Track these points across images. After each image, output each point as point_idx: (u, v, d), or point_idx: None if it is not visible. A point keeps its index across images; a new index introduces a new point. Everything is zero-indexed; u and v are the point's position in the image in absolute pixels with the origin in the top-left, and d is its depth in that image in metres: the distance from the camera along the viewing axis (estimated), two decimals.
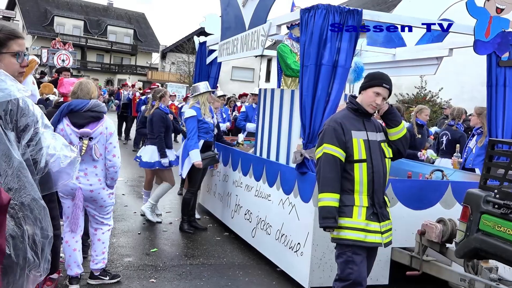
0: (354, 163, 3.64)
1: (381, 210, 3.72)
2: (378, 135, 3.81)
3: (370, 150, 3.69)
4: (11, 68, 2.38)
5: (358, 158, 3.65)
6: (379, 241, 3.68)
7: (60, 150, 2.38)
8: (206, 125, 6.71)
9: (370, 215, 3.65)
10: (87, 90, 4.54)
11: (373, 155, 3.69)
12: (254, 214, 6.09)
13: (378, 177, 3.69)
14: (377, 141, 3.78)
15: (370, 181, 3.66)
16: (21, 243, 2.09)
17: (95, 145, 4.44)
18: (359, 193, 3.65)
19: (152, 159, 7.15)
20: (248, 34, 6.24)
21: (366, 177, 3.64)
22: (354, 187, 3.65)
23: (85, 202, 4.58)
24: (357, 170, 3.64)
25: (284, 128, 5.91)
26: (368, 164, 3.66)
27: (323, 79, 4.67)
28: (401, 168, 6.54)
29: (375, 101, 3.70)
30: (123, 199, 8.63)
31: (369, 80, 3.75)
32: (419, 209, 5.04)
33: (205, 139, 6.74)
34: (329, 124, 3.72)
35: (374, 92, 3.69)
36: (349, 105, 3.83)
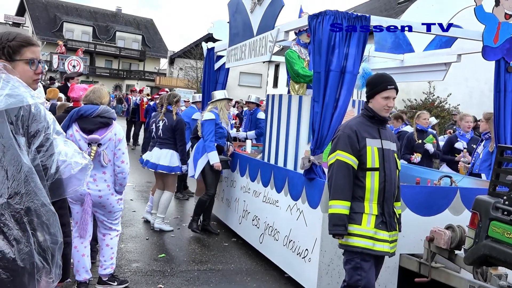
0: (367, 171, 3.64)
1: (390, 219, 3.71)
2: (392, 145, 3.80)
3: (383, 158, 3.68)
4: (25, 75, 2.40)
5: (371, 166, 3.64)
6: (387, 250, 3.67)
7: (72, 156, 2.39)
8: (221, 130, 6.90)
9: (379, 223, 3.64)
10: (99, 94, 4.59)
11: (386, 164, 3.68)
12: (262, 220, 6.09)
13: (389, 186, 3.68)
14: (391, 150, 3.77)
15: (382, 190, 3.65)
16: (26, 247, 2.10)
17: (103, 151, 4.46)
18: (370, 201, 3.64)
19: (171, 163, 7.02)
20: (256, 40, 6.26)
21: (378, 186, 3.64)
22: (365, 194, 3.64)
23: (94, 207, 4.60)
24: (369, 178, 3.64)
25: (292, 134, 5.92)
26: (381, 172, 3.65)
27: (331, 85, 4.67)
28: (409, 174, 6.52)
29: (387, 105, 3.70)
30: (131, 204, 8.66)
31: (373, 87, 3.74)
32: (428, 215, 5.02)
33: (217, 143, 6.91)
34: (343, 130, 3.72)
35: (383, 97, 3.69)
36: (364, 112, 3.82)
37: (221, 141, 6.94)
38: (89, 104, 4.55)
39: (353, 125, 3.73)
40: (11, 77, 2.28)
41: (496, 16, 5.14)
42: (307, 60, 6.32)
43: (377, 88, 3.70)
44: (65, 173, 2.34)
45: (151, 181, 10.70)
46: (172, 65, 52.45)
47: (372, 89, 3.74)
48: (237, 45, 7.02)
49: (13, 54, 2.40)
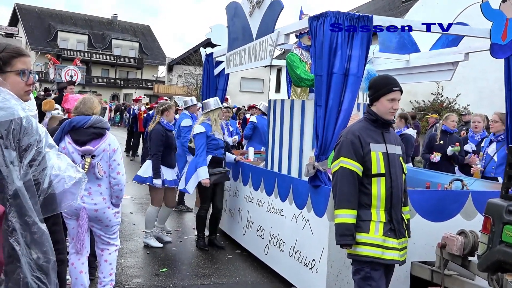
0: (372, 177, 3.63)
1: (399, 226, 3.69)
2: (397, 148, 3.79)
3: (389, 163, 3.67)
4: (16, 87, 2.40)
5: (376, 172, 3.63)
6: (397, 258, 3.65)
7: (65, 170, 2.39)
8: (215, 141, 6.81)
9: (388, 231, 3.63)
10: (90, 105, 4.58)
11: (392, 169, 3.67)
12: (266, 230, 6.07)
13: (396, 192, 3.67)
14: (396, 154, 3.76)
15: (389, 196, 3.64)
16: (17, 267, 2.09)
17: (98, 163, 4.45)
18: (377, 208, 3.63)
19: (145, 174, 6.89)
20: (256, 44, 6.27)
21: (385, 192, 3.63)
22: (371, 202, 3.63)
23: (90, 222, 4.58)
24: (375, 185, 3.63)
25: (295, 140, 5.91)
26: (387, 178, 3.64)
27: (334, 88, 4.67)
28: (418, 178, 6.50)
29: (393, 107, 3.69)
30: (131, 217, 8.65)
31: (377, 89, 3.72)
32: (439, 221, 4.99)
33: (213, 155, 6.82)
34: (346, 136, 3.70)
35: (388, 99, 3.68)
36: (366, 116, 3.81)
37: (218, 152, 6.84)
38: (80, 115, 4.54)
39: (355, 130, 3.71)
40: (2, 89, 2.28)
41: (503, 12, 5.13)
42: (309, 63, 6.32)
43: (382, 91, 3.69)
44: (58, 187, 2.33)
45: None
46: (170, 72, 52.60)
47: (376, 92, 3.72)
48: (237, 49, 7.04)
49: (3, 65, 2.40)
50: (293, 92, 6.50)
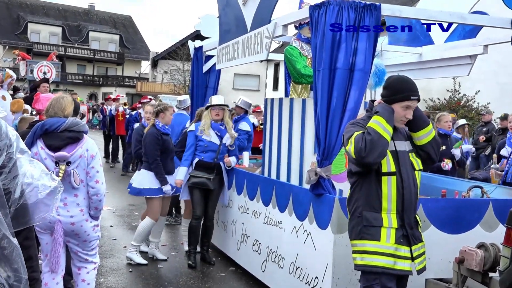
0: (382, 176, 3.67)
1: (412, 231, 3.73)
2: (406, 144, 3.84)
3: (398, 161, 3.73)
4: None
5: (387, 170, 3.68)
6: (409, 268, 3.68)
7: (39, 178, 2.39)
8: (201, 142, 6.94)
9: (400, 237, 3.67)
10: (60, 107, 4.53)
11: (402, 167, 3.72)
12: (263, 244, 6.08)
13: (408, 193, 3.71)
14: (406, 151, 3.81)
15: (400, 197, 3.68)
16: None
17: (74, 170, 4.44)
18: (387, 211, 3.67)
19: (141, 184, 6.98)
20: (251, 37, 6.29)
21: (396, 192, 3.67)
22: (381, 204, 3.67)
23: (66, 237, 4.57)
24: (385, 184, 3.68)
25: (295, 143, 5.93)
26: (398, 177, 3.69)
27: (338, 85, 4.69)
28: (433, 185, 6.52)
29: (405, 116, 3.74)
30: (111, 231, 8.65)
31: (394, 93, 3.75)
32: (456, 233, 5.01)
33: (200, 158, 6.94)
34: (354, 122, 3.82)
35: (402, 107, 3.72)
36: (370, 114, 3.85)
37: (206, 155, 6.93)
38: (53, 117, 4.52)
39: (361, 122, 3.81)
40: None
41: None
42: (310, 58, 6.34)
43: (399, 96, 3.73)
44: (31, 197, 2.33)
45: (134, 204, 10.70)
46: (155, 68, 52.60)
47: (392, 95, 3.76)
48: (229, 43, 7.05)
49: None
50: (292, 90, 6.52)
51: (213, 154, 6.95)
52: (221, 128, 7.00)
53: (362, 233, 3.71)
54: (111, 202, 10.57)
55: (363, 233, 3.70)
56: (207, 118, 6.99)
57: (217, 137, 6.98)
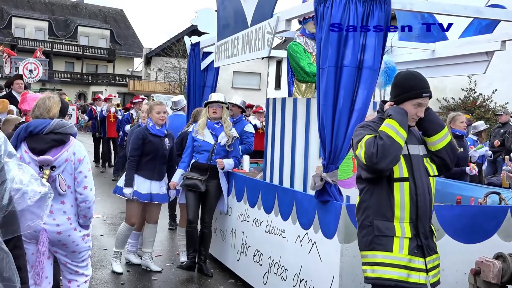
0: (394, 182, 3.68)
1: (427, 241, 3.73)
2: (420, 149, 3.85)
3: (412, 166, 3.73)
4: None
5: (399, 176, 3.69)
6: (423, 281, 3.68)
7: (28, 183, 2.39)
8: (196, 143, 7.07)
9: (414, 248, 3.67)
10: (45, 107, 4.53)
11: (415, 173, 3.73)
12: (265, 255, 6.09)
13: (423, 200, 3.72)
14: (420, 155, 3.81)
15: (414, 205, 3.68)
16: None
17: (59, 175, 4.42)
18: (400, 220, 3.67)
19: (120, 183, 7.12)
20: (251, 32, 6.31)
21: (409, 200, 3.68)
22: (394, 212, 3.68)
23: (53, 247, 4.55)
24: (398, 191, 3.68)
25: (299, 146, 5.93)
26: (411, 183, 3.70)
27: (345, 84, 4.70)
28: (447, 191, 6.53)
29: (416, 114, 3.74)
30: (102, 241, 8.65)
31: (404, 90, 3.76)
32: (472, 243, 5.01)
33: (195, 159, 7.07)
34: (364, 125, 3.82)
35: (414, 104, 3.73)
36: (382, 115, 3.85)
37: (200, 156, 7.03)
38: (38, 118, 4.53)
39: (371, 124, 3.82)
40: None
41: None
42: (315, 54, 6.35)
43: (410, 93, 3.73)
44: (20, 204, 2.32)
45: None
46: (148, 65, 52.67)
47: (403, 93, 3.76)
48: (228, 38, 7.07)
49: None
50: (296, 89, 6.53)
51: (207, 155, 7.00)
52: (216, 127, 7.02)
53: (373, 243, 3.71)
54: (102, 209, 10.58)
55: (374, 244, 3.70)
56: (204, 117, 7.06)
57: (211, 137, 7.01)
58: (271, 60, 37.68)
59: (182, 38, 34.96)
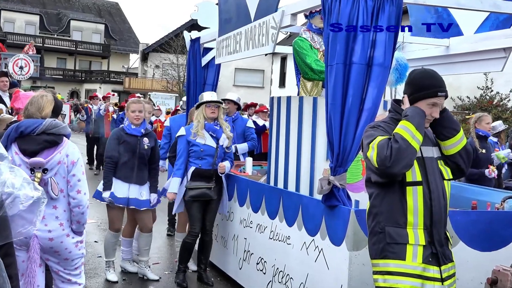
0: (407, 186, 3.68)
1: (442, 249, 3.73)
2: (434, 150, 3.85)
3: (425, 169, 3.73)
4: None
5: (411, 179, 3.68)
6: None
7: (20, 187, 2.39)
8: (196, 147, 6.85)
9: (428, 256, 3.67)
10: (37, 106, 4.55)
11: (429, 176, 3.72)
12: (269, 262, 6.09)
13: (437, 205, 3.72)
14: (434, 158, 3.82)
15: (428, 210, 3.68)
16: None
17: (51, 178, 4.44)
18: (414, 226, 3.67)
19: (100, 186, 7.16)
20: (255, 27, 6.31)
21: (423, 205, 3.68)
22: (407, 218, 3.67)
23: (45, 254, 4.57)
24: (411, 196, 3.68)
25: (305, 148, 5.94)
26: (425, 188, 3.69)
27: (354, 82, 4.70)
28: (462, 196, 6.52)
29: (431, 114, 3.74)
30: (96, 247, 8.66)
31: (418, 89, 3.74)
32: (488, 250, 5.01)
33: (196, 166, 6.87)
34: (374, 125, 3.81)
35: (429, 104, 3.72)
36: (393, 115, 3.85)
37: (202, 162, 6.87)
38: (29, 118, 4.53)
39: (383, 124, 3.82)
40: None
41: None
42: (322, 51, 6.36)
43: (424, 92, 3.72)
44: (12, 209, 2.33)
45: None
46: (145, 62, 52.75)
47: (417, 92, 3.75)
48: (230, 34, 7.07)
49: None
50: (302, 87, 6.53)
51: (211, 160, 6.89)
52: (216, 129, 6.95)
53: (385, 251, 3.71)
54: (96, 214, 10.58)
55: (385, 252, 3.70)
56: (200, 118, 6.90)
57: (212, 139, 6.92)
58: (275, 57, 37.66)
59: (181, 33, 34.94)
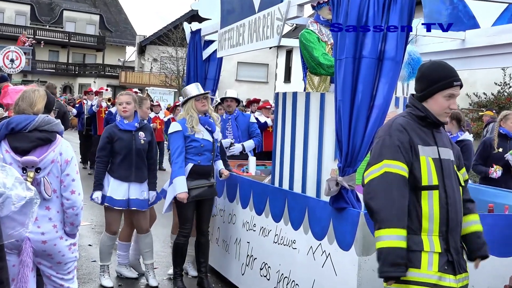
0: (422, 190, 3.66)
1: (458, 257, 3.72)
2: (450, 153, 3.84)
3: (442, 172, 3.71)
4: None
5: (427, 183, 3.66)
6: None
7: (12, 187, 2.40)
8: (195, 143, 6.80)
9: (444, 264, 3.65)
10: (29, 102, 4.55)
11: (446, 180, 3.71)
12: (273, 268, 6.10)
13: (454, 211, 3.71)
14: (451, 160, 3.80)
15: (444, 216, 3.67)
16: None
17: (44, 178, 4.43)
18: (429, 232, 3.66)
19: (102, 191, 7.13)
20: (259, 18, 6.31)
21: (439, 210, 3.66)
22: (422, 224, 3.66)
23: (37, 258, 4.57)
24: (426, 201, 3.66)
25: (312, 147, 5.94)
26: (441, 192, 3.67)
27: (364, 77, 4.70)
28: (479, 198, 6.49)
29: (449, 107, 3.73)
30: (90, 251, 8.67)
31: (433, 81, 3.73)
32: (506, 256, 5.01)
33: (195, 163, 6.83)
34: (389, 133, 3.73)
35: (445, 96, 3.72)
36: (411, 111, 3.83)
37: (201, 158, 6.84)
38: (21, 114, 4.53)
39: (401, 124, 3.74)
40: None
41: None
42: (330, 44, 6.36)
43: (439, 85, 3.71)
44: (3, 210, 2.34)
45: None
46: (142, 55, 52.80)
47: (431, 85, 3.74)
48: (233, 25, 7.07)
49: None
50: (309, 82, 6.53)
51: (210, 156, 6.90)
52: (211, 122, 6.94)
53: None
54: (90, 216, 10.60)
55: None
56: (192, 112, 6.84)
57: (208, 134, 6.91)
58: (280, 50, 37.68)
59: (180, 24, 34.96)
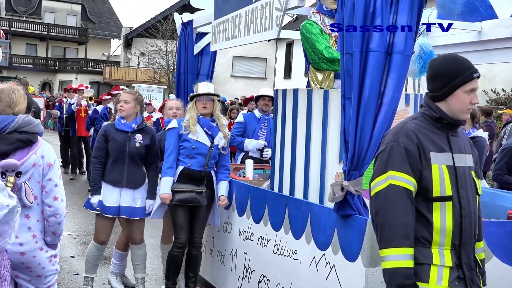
0: (434, 201, 3.66)
1: (471, 274, 3.72)
2: (467, 158, 3.80)
3: (457, 182, 3.69)
4: None
5: (439, 194, 3.64)
6: None
7: None
8: (187, 143, 6.83)
9: (455, 280, 3.65)
10: (9, 101, 4.55)
11: (461, 190, 3.69)
12: (273, 281, 6.11)
13: (468, 223, 3.70)
14: (467, 167, 3.78)
15: (457, 229, 3.66)
16: None
17: (25, 183, 4.44)
18: (440, 246, 3.66)
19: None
20: (256, 9, 6.32)
21: (452, 223, 3.65)
22: (432, 237, 3.65)
23: (14, 271, 4.57)
24: (438, 213, 3.65)
25: (315, 148, 5.95)
26: (455, 204, 3.66)
27: (372, 72, 4.71)
28: (497, 204, 6.52)
29: (471, 102, 3.70)
30: (72, 263, 8.68)
31: (452, 78, 3.68)
32: None
33: (185, 165, 6.86)
34: (397, 139, 3.70)
35: (466, 91, 3.68)
36: (425, 111, 3.82)
37: (192, 161, 6.85)
38: None
39: (410, 130, 3.70)
40: None
41: None
42: (335, 36, 6.37)
43: (459, 79, 3.66)
44: None
45: None
46: (128, 49, 52.73)
47: (450, 81, 3.68)
48: (228, 16, 7.08)
49: None
50: (311, 78, 6.54)
51: (202, 160, 6.88)
52: (212, 125, 6.94)
53: None
54: (71, 225, 10.60)
55: None
56: (192, 112, 6.89)
57: (206, 137, 6.90)
58: (279, 43, 37.67)
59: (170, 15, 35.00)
